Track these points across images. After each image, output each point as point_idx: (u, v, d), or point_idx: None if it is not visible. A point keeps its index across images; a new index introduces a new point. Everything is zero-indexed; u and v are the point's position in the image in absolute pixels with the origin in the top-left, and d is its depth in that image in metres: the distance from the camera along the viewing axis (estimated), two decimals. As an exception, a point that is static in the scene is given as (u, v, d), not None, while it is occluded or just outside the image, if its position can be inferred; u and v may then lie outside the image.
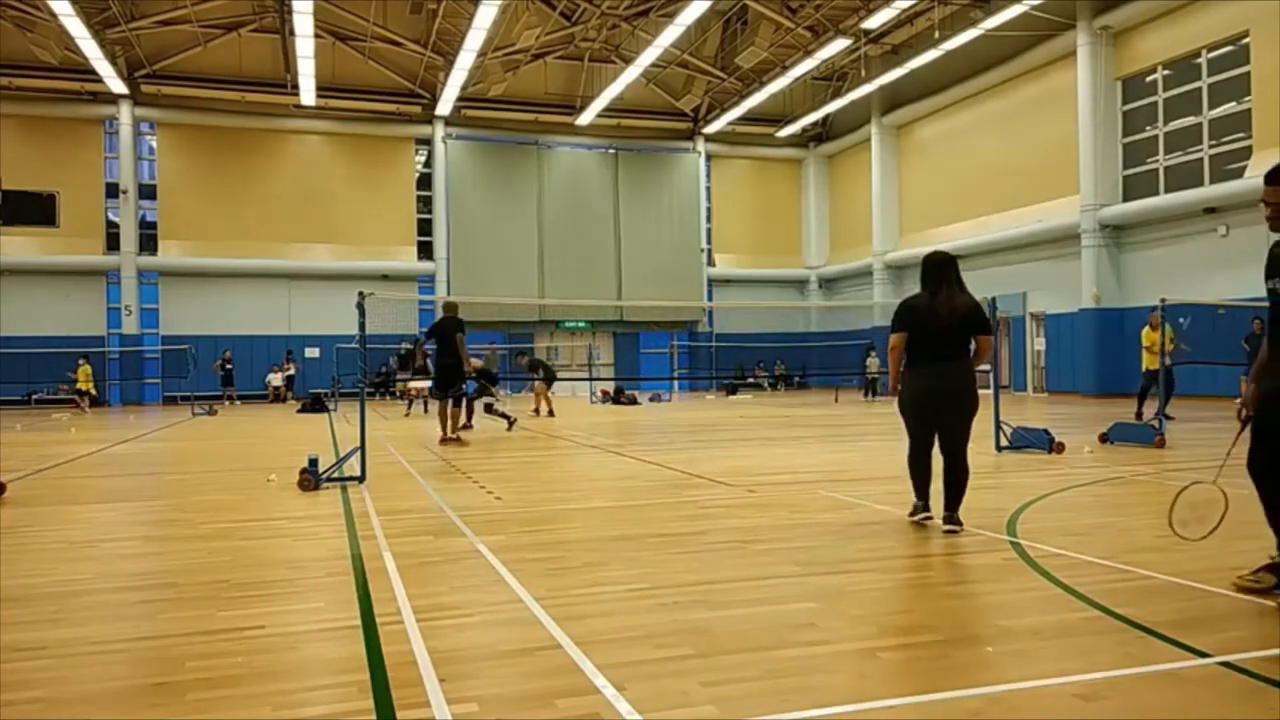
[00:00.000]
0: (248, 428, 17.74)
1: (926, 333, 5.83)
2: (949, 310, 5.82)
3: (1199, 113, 21.51)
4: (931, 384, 5.86)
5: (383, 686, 3.17)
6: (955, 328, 5.81)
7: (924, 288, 5.98)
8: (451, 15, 27.51)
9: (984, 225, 27.54)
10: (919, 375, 5.90)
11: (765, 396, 29.76)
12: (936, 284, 5.91)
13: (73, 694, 3.19)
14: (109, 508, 7.72)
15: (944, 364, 5.84)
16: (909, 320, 5.91)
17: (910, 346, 5.92)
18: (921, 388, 5.89)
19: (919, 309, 5.90)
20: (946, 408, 5.87)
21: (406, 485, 8.64)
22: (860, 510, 6.76)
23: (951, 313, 5.81)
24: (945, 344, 5.81)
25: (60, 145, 28.97)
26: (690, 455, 11.06)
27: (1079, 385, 23.68)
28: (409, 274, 31.80)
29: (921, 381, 5.89)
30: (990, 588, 4.48)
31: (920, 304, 5.91)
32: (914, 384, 5.93)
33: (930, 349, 5.83)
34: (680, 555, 5.29)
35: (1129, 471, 8.74)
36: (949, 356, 5.83)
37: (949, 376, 5.84)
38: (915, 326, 5.88)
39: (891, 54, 28.78)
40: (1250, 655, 3.35)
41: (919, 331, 5.86)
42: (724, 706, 2.93)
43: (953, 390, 5.84)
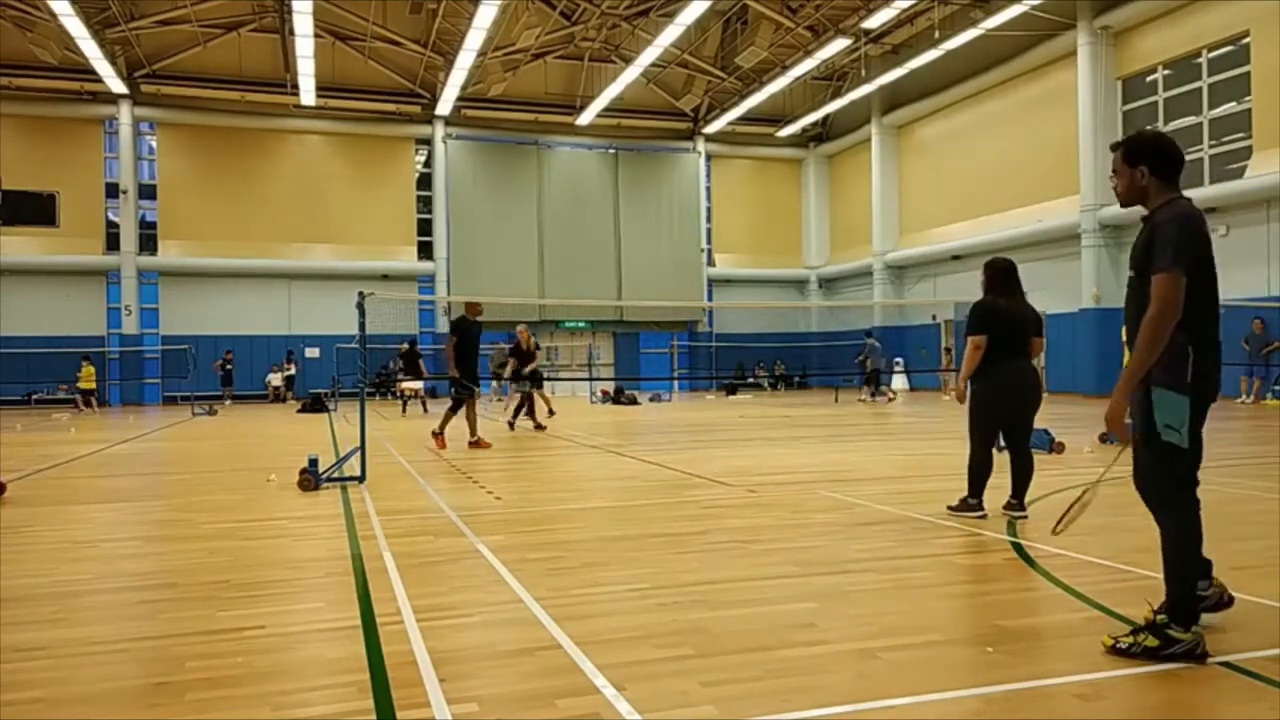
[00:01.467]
0: (248, 428, 17.74)
1: (1008, 333, 6.08)
2: (1028, 315, 6.19)
3: (1199, 113, 21.51)
4: (1018, 380, 6.15)
5: (383, 686, 3.17)
6: (1027, 329, 6.15)
7: (993, 291, 6.24)
8: (451, 15, 27.51)
9: (984, 225, 27.54)
10: (1005, 374, 6.12)
11: (765, 396, 29.76)
12: (1006, 287, 6.22)
13: (73, 694, 3.19)
14: (109, 508, 7.72)
15: (1024, 361, 6.17)
16: (992, 322, 6.10)
17: (996, 346, 6.08)
18: (1010, 385, 6.14)
19: (1001, 310, 6.13)
20: (1028, 403, 6.21)
21: (406, 485, 8.64)
22: (860, 510, 6.76)
23: (1026, 314, 6.18)
24: (1022, 344, 6.13)
25: (60, 145, 28.96)
26: (690, 455, 11.06)
27: (1079, 385, 23.68)
28: (409, 274, 31.79)
29: (1009, 379, 6.14)
30: (990, 588, 4.48)
31: (1001, 306, 6.15)
32: (1001, 382, 6.14)
33: (1012, 349, 6.09)
34: (680, 555, 5.29)
35: (1129, 471, 8.72)
36: (1026, 354, 6.17)
37: (1029, 373, 6.20)
38: (998, 327, 6.08)
39: (891, 54, 28.78)
40: (1250, 655, 3.35)
41: (1002, 332, 6.07)
42: (724, 706, 2.94)
43: (1034, 385, 6.24)
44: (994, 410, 6.23)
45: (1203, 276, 3.37)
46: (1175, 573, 3.40)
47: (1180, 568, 3.39)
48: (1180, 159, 3.59)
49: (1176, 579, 3.39)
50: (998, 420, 6.26)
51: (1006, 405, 6.20)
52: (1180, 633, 3.30)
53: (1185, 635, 3.30)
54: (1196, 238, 3.37)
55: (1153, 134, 3.65)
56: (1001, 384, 6.15)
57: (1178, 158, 3.57)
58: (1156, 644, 3.31)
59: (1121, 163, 3.60)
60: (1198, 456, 3.44)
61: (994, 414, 6.24)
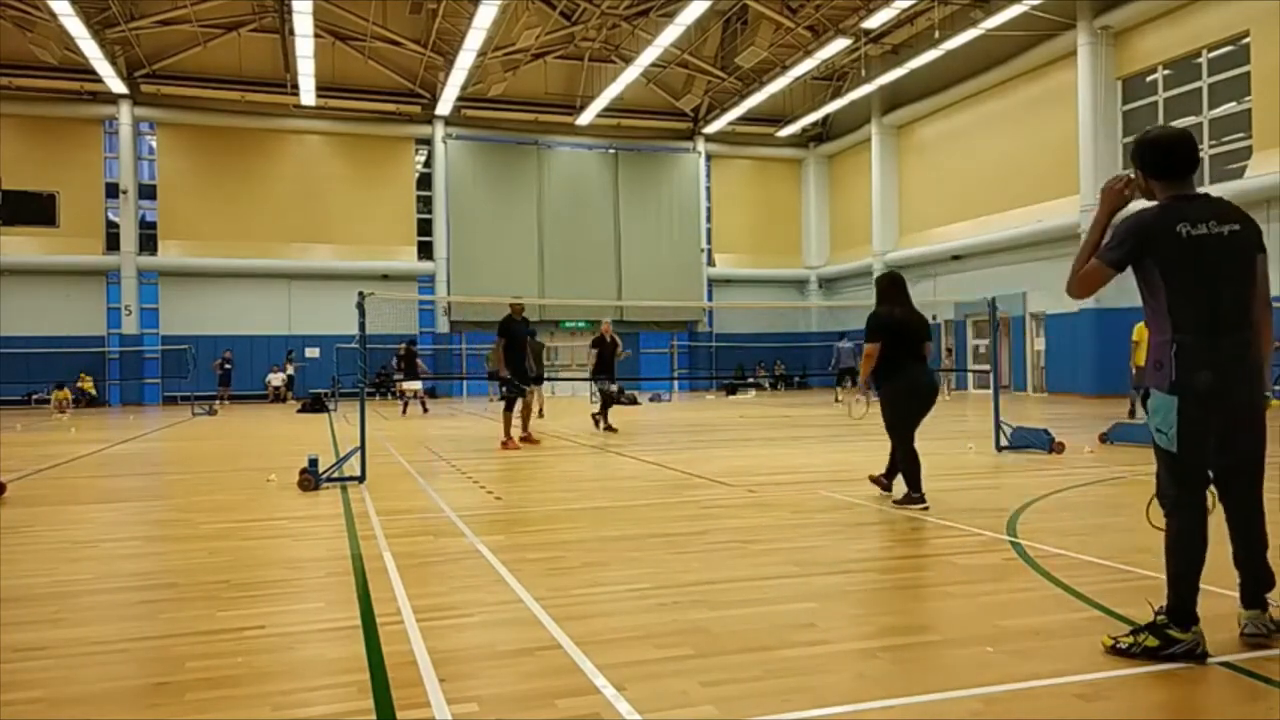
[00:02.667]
0: (247, 428, 17.75)
1: (902, 340, 6.69)
2: (918, 322, 6.83)
3: (1199, 113, 21.50)
4: (924, 379, 6.83)
5: (383, 686, 3.17)
6: (921, 336, 6.81)
7: (887, 302, 6.86)
8: (451, 15, 27.51)
9: (984, 225, 27.54)
10: (911, 374, 6.72)
11: (765, 396, 29.76)
12: (897, 298, 6.87)
13: (73, 694, 3.19)
14: (109, 508, 7.72)
15: (920, 364, 6.81)
16: (885, 330, 6.73)
17: (893, 352, 6.69)
18: (917, 384, 6.77)
19: (896, 319, 6.74)
20: (924, 403, 6.82)
21: (406, 485, 8.64)
22: (860, 510, 6.76)
23: (919, 322, 6.84)
24: (916, 348, 6.75)
25: (60, 145, 28.97)
26: (690, 455, 11.06)
27: (1079, 385, 23.67)
28: (409, 274, 31.80)
29: (916, 379, 6.76)
30: (990, 588, 4.48)
31: (895, 315, 6.77)
32: (908, 382, 6.74)
33: (907, 354, 6.71)
34: (680, 555, 5.29)
35: (1129, 471, 8.74)
36: (921, 358, 6.80)
37: (929, 374, 6.93)
38: (895, 335, 6.70)
39: (891, 54, 28.78)
40: (1250, 655, 3.34)
41: (899, 339, 6.69)
42: (724, 706, 2.93)
43: (934, 385, 6.97)
44: (905, 406, 6.78)
45: (1171, 274, 3.36)
46: (1172, 572, 3.39)
47: (1176, 567, 3.38)
48: (1172, 151, 3.49)
49: (1174, 579, 3.38)
50: (914, 414, 6.79)
51: (918, 401, 6.77)
52: (1179, 633, 3.29)
53: (1185, 635, 3.29)
54: (1141, 236, 3.42)
55: (1143, 134, 3.62)
56: (900, 385, 6.75)
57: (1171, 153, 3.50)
58: (1156, 644, 3.30)
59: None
60: (1199, 459, 3.38)
61: (907, 409, 6.77)
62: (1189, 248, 3.34)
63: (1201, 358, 3.30)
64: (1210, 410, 3.31)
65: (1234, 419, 3.35)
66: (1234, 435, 3.37)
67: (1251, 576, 3.44)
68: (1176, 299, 3.35)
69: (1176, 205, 3.43)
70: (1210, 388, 3.29)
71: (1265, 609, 3.43)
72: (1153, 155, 3.51)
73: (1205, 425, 3.33)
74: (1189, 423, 3.31)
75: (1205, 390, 3.29)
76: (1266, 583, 3.44)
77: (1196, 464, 3.38)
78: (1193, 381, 3.29)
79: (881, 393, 6.86)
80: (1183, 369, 3.31)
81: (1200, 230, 3.35)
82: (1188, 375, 3.30)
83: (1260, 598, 3.43)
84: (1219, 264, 3.35)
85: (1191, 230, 3.35)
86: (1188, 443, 3.33)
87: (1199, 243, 3.34)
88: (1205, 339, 3.31)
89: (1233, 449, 3.39)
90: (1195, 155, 3.53)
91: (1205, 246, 3.34)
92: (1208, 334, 3.32)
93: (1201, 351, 3.30)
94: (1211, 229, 3.35)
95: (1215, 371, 3.29)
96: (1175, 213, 3.40)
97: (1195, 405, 3.31)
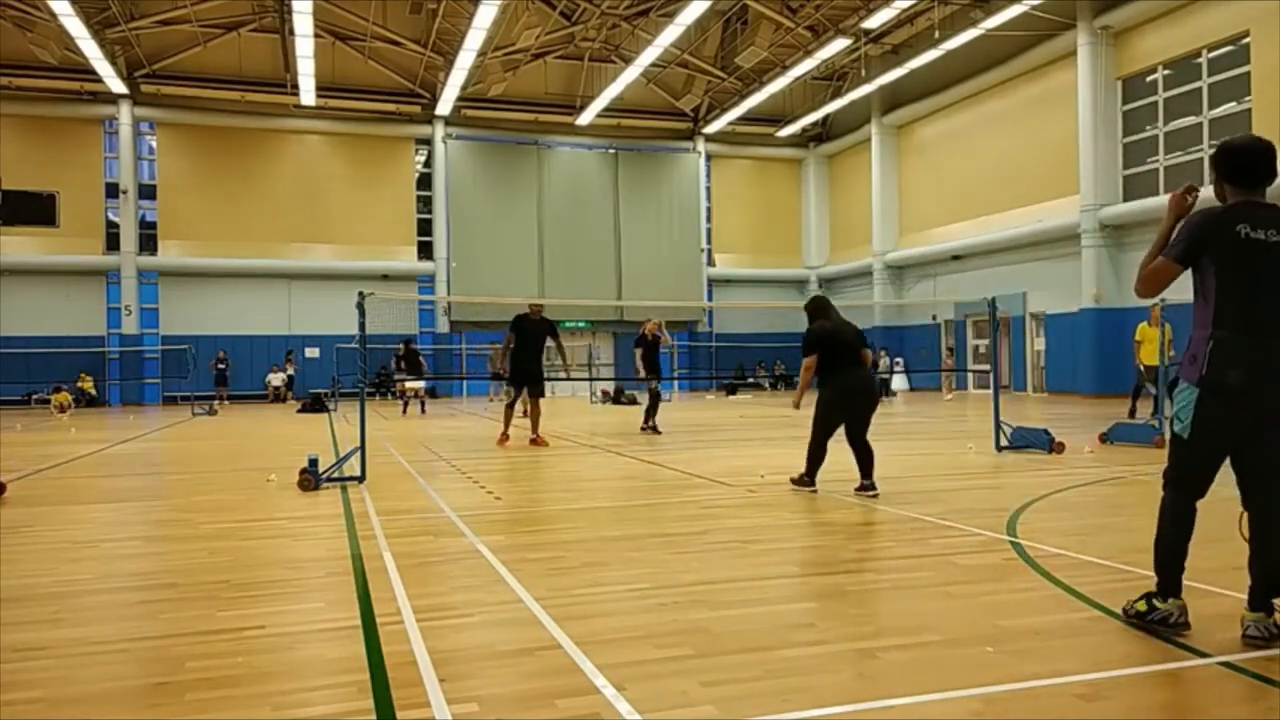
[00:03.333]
0: (247, 428, 17.75)
1: (837, 349, 7.40)
2: (851, 332, 7.59)
3: (1199, 113, 21.50)
4: (860, 384, 7.48)
5: (383, 686, 3.17)
6: (855, 345, 7.49)
7: (822, 317, 7.59)
8: (451, 15, 27.51)
9: (984, 225, 27.54)
10: (846, 379, 7.41)
11: (765, 396, 29.76)
12: (829, 313, 7.64)
13: (73, 694, 3.19)
14: (109, 508, 7.72)
15: (860, 369, 7.48)
16: (819, 343, 7.42)
17: (831, 359, 7.39)
18: (852, 388, 7.43)
19: (831, 331, 7.47)
20: (868, 403, 7.46)
21: (406, 485, 8.64)
22: (860, 510, 6.76)
23: (854, 334, 7.59)
24: (853, 355, 7.42)
25: (60, 145, 28.97)
26: (690, 455, 11.06)
27: (1079, 385, 23.67)
28: (409, 274, 31.80)
29: (851, 383, 7.43)
30: (990, 588, 4.48)
31: (830, 328, 7.49)
32: (843, 386, 7.41)
33: (848, 360, 7.41)
34: (680, 555, 5.29)
35: (1129, 471, 8.74)
36: (859, 364, 7.46)
37: (868, 379, 7.63)
38: (829, 345, 7.42)
39: (891, 54, 28.78)
40: (1250, 655, 3.35)
41: (837, 347, 7.41)
42: (724, 706, 2.93)
43: (872, 389, 7.64)
44: (836, 409, 7.42)
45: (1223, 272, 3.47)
46: (1155, 539, 3.68)
47: (1158, 534, 3.67)
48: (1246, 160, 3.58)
49: (1155, 545, 3.68)
50: (841, 415, 7.44)
51: (851, 403, 7.40)
52: (1160, 603, 3.61)
53: (1164, 606, 3.60)
54: (1202, 232, 3.51)
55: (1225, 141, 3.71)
56: (840, 388, 7.40)
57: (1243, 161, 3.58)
58: (1144, 609, 3.65)
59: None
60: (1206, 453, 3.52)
61: (838, 410, 7.42)
62: (1244, 249, 3.44)
63: (1235, 356, 3.42)
64: (1234, 408, 3.43)
65: (1262, 420, 3.44)
66: (1262, 436, 3.45)
67: (1264, 580, 3.48)
68: (1223, 296, 3.47)
69: (1240, 208, 3.52)
70: (1238, 386, 3.40)
71: (1271, 613, 3.46)
72: (1225, 162, 3.61)
73: (1225, 422, 3.47)
74: (1204, 417, 3.48)
75: (1232, 388, 3.41)
76: (1277, 588, 3.47)
77: (1202, 457, 3.54)
78: (1222, 378, 3.42)
79: (821, 393, 7.52)
80: (1214, 365, 3.44)
81: (1259, 235, 3.44)
82: (1218, 371, 3.43)
83: (1268, 602, 3.46)
84: (1270, 270, 3.43)
85: (1250, 233, 3.45)
86: (1199, 435, 3.51)
87: (1255, 246, 3.44)
88: (1242, 338, 3.43)
89: (1259, 450, 3.47)
90: (1271, 166, 3.59)
91: (1260, 250, 3.44)
92: (1244, 334, 3.43)
93: (1236, 350, 3.42)
94: (1270, 237, 3.44)
95: (1247, 371, 3.39)
96: (1237, 214, 3.49)
97: (1216, 401, 3.45)
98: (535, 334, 12.28)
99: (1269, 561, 3.46)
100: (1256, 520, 3.53)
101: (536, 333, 12.29)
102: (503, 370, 12.53)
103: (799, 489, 7.64)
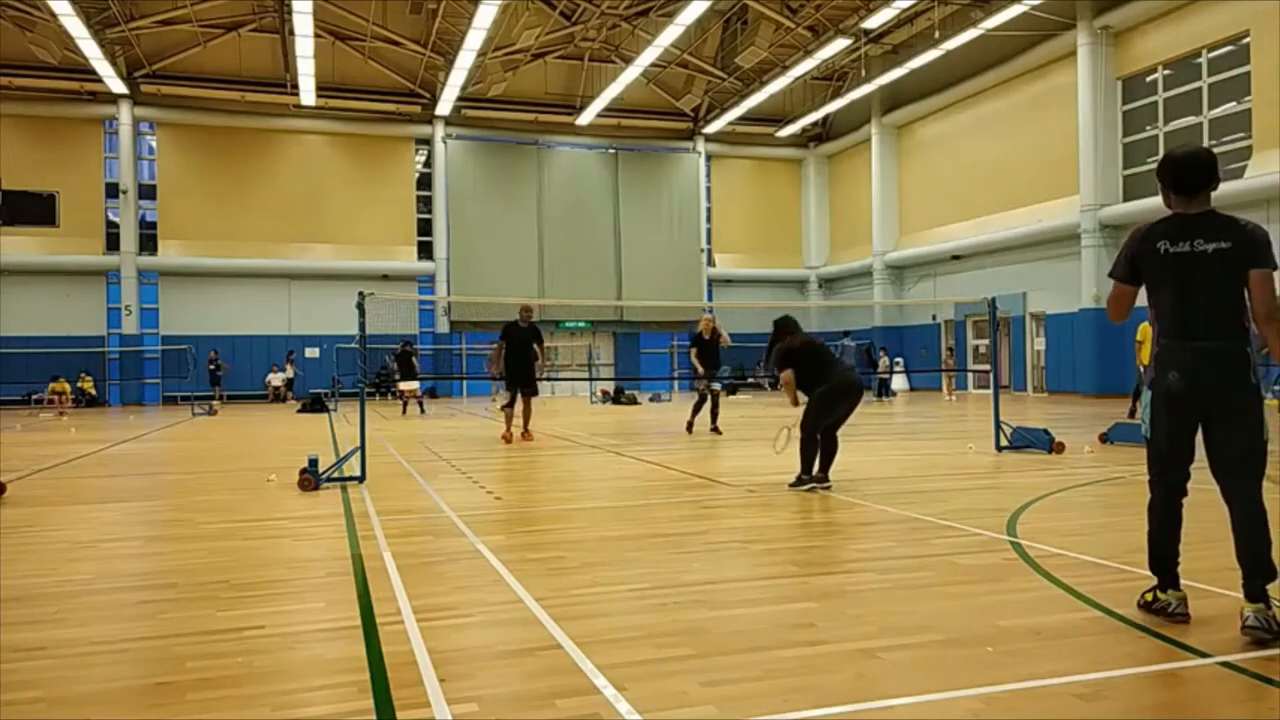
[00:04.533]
0: (247, 428, 17.74)
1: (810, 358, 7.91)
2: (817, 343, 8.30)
3: (1199, 113, 21.51)
4: (851, 380, 8.07)
5: (383, 686, 3.17)
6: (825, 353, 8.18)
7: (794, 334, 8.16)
8: (451, 15, 27.51)
9: (984, 225, 27.55)
10: (837, 377, 7.83)
11: (765, 396, 29.75)
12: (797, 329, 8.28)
13: (73, 694, 3.19)
14: (109, 508, 7.72)
15: (846, 371, 8.26)
16: (792, 358, 7.89)
17: (815, 367, 7.85)
18: (845, 384, 7.87)
19: (808, 345, 8.09)
20: (857, 400, 7.91)
21: (406, 485, 8.64)
22: (860, 510, 6.76)
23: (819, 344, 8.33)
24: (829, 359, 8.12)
25: (60, 145, 28.97)
26: (690, 455, 11.06)
27: (1079, 385, 23.68)
28: (409, 274, 31.81)
29: (843, 380, 7.88)
30: (990, 588, 4.48)
31: (798, 342, 8.03)
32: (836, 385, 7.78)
33: (830, 363, 8.01)
34: (680, 555, 5.29)
35: (1129, 471, 8.73)
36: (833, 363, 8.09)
37: (857, 378, 8.46)
38: (810, 356, 7.94)
39: (891, 54, 28.78)
40: (1250, 655, 3.35)
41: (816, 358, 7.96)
42: (724, 706, 2.93)
43: (861, 386, 8.26)
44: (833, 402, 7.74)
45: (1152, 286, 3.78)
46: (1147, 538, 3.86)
47: (1148, 533, 3.86)
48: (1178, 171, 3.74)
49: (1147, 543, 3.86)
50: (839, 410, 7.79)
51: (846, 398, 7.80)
52: (1161, 594, 3.81)
53: (1164, 597, 3.80)
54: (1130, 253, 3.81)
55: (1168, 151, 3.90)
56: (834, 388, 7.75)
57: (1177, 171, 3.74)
58: (1150, 599, 3.85)
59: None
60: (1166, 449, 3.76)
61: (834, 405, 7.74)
62: (1166, 263, 3.69)
63: (1174, 361, 3.69)
64: (1180, 408, 3.69)
65: (1211, 418, 3.67)
66: (1217, 433, 3.67)
67: (1253, 570, 3.54)
68: (1159, 308, 3.77)
69: (1163, 224, 3.76)
70: (1177, 388, 3.67)
71: (1268, 604, 3.48)
72: (1167, 172, 3.78)
73: (1174, 421, 3.72)
74: (1158, 416, 3.77)
75: (1173, 390, 3.69)
76: (1267, 574, 3.53)
77: (1165, 452, 3.78)
78: (1164, 381, 3.71)
79: (815, 393, 7.80)
80: (1160, 370, 3.74)
81: (1180, 248, 3.67)
82: (1161, 375, 3.73)
83: (1262, 591, 3.51)
84: (1196, 279, 3.64)
85: (1170, 248, 3.68)
86: (1156, 433, 3.79)
87: (1177, 259, 3.66)
88: (1177, 344, 3.69)
89: (1219, 445, 3.67)
90: (1204, 175, 3.73)
91: (1182, 262, 3.66)
92: (1179, 339, 3.68)
93: (1175, 355, 3.69)
94: (1196, 247, 3.64)
95: (1182, 373, 3.65)
96: (1158, 232, 3.73)
97: (1165, 402, 3.73)
98: (523, 340, 13.10)
99: (1249, 552, 3.58)
100: (1230, 512, 3.67)
101: (524, 339, 13.10)
102: (498, 373, 13.38)
103: (799, 489, 7.63)
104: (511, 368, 13.07)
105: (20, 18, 25.41)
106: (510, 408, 13.40)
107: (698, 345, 14.12)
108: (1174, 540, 3.78)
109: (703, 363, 14.06)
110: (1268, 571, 3.52)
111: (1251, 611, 3.48)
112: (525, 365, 13.07)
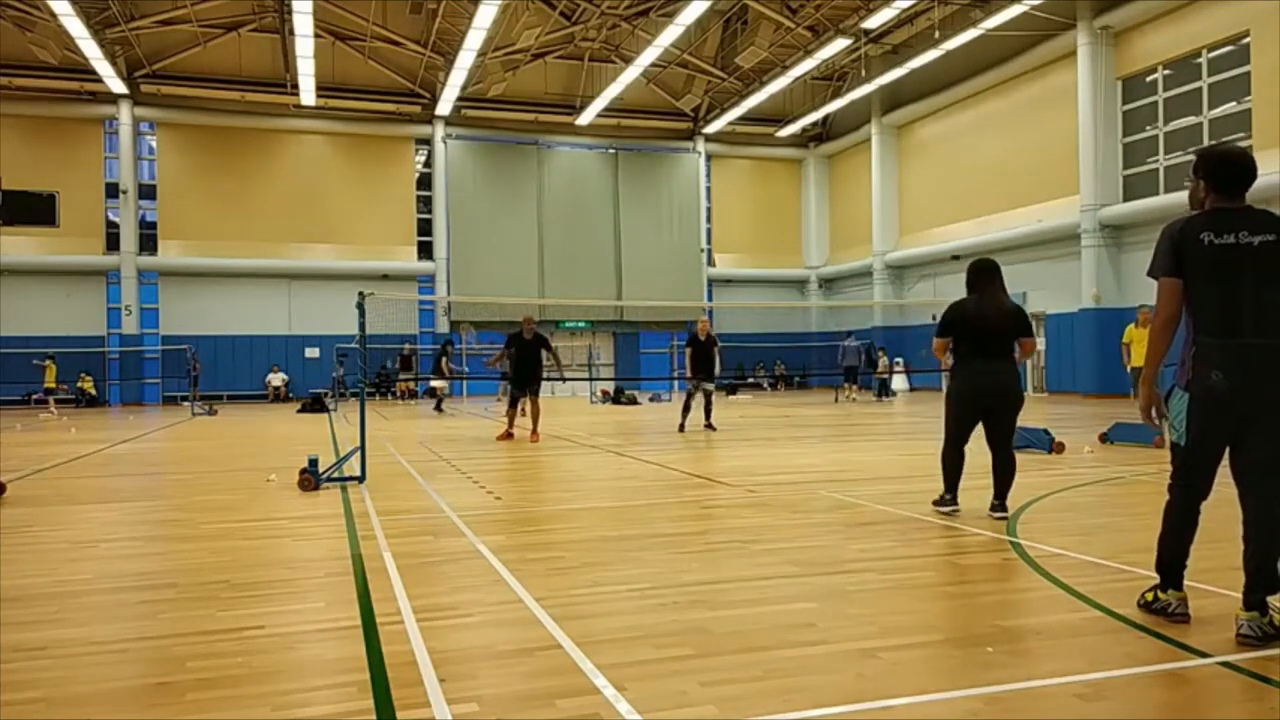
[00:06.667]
0: (248, 428, 17.75)
1: (974, 334, 6.16)
2: (996, 313, 6.18)
3: (1199, 113, 21.51)
4: (983, 380, 6.17)
5: (383, 686, 3.17)
6: (1002, 329, 6.17)
7: (971, 291, 6.33)
8: (451, 15, 27.51)
9: (984, 225, 27.54)
10: (970, 372, 6.21)
11: (765, 396, 29.75)
12: (982, 288, 6.29)
13: (73, 694, 3.19)
14: (109, 508, 7.72)
15: (994, 361, 6.15)
16: (956, 323, 6.25)
17: (958, 346, 6.25)
18: (973, 384, 6.21)
19: (967, 312, 6.24)
20: (997, 404, 6.18)
21: (406, 485, 8.64)
22: (860, 510, 6.76)
23: (999, 315, 6.18)
24: (993, 344, 6.15)
25: (60, 145, 28.96)
26: (690, 455, 11.06)
27: (1079, 385, 23.68)
28: (409, 274, 31.80)
29: (973, 378, 6.21)
30: (990, 588, 4.48)
31: (968, 307, 6.25)
32: (965, 380, 6.25)
33: (979, 349, 6.16)
34: (680, 555, 5.29)
35: (1129, 471, 8.74)
36: (998, 354, 6.16)
37: (999, 372, 6.17)
38: (963, 328, 6.21)
39: (891, 54, 28.77)
40: (1250, 655, 3.35)
41: (967, 333, 6.19)
42: (724, 706, 2.93)
43: (1002, 386, 6.17)
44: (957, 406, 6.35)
45: (1193, 279, 3.57)
46: (1159, 536, 3.79)
47: (1161, 532, 3.78)
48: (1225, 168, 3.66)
49: (1158, 542, 3.79)
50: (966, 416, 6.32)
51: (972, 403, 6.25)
52: (1162, 594, 3.78)
53: (1164, 596, 3.77)
54: (1171, 245, 3.61)
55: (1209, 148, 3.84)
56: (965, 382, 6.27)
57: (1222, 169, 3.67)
58: (1151, 599, 3.83)
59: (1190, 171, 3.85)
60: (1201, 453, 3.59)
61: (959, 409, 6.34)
62: (1210, 255, 3.52)
63: (1215, 359, 3.49)
64: (1222, 409, 3.50)
65: (1249, 419, 3.49)
66: (1252, 435, 3.50)
67: (1254, 577, 3.50)
68: (1200, 303, 3.56)
69: (1206, 216, 3.61)
70: (1222, 387, 3.47)
71: (1265, 613, 3.47)
72: (1218, 169, 3.68)
73: (1212, 424, 3.55)
74: (1196, 419, 3.56)
75: (1216, 390, 3.48)
76: (1269, 586, 3.49)
77: (1199, 458, 3.61)
78: (1207, 381, 3.50)
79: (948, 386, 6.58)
80: (1198, 369, 3.54)
81: (1225, 239, 3.52)
82: (1203, 375, 3.52)
83: (1262, 601, 3.48)
84: (1243, 271, 3.49)
85: (1215, 239, 3.53)
86: (1193, 437, 3.59)
87: (1222, 251, 3.52)
88: (1221, 341, 3.50)
89: (1259, 448, 3.51)
90: (1252, 175, 3.67)
91: (1229, 253, 3.51)
92: (1223, 337, 3.50)
93: (1215, 353, 3.50)
94: (1241, 239, 3.50)
95: (1227, 373, 3.47)
96: (1201, 223, 3.59)
97: (1205, 404, 3.53)
98: (531, 351, 13.38)
99: (1257, 560, 3.50)
100: (1247, 517, 3.58)
101: (532, 350, 13.38)
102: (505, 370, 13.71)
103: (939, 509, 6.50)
104: (520, 369, 13.41)
105: (20, 18, 25.40)
106: (515, 407, 13.68)
107: (692, 346, 14.55)
108: (1187, 544, 3.71)
109: (694, 364, 14.46)
110: (1269, 583, 3.48)
111: (1246, 619, 3.47)
112: (536, 367, 13.41)
